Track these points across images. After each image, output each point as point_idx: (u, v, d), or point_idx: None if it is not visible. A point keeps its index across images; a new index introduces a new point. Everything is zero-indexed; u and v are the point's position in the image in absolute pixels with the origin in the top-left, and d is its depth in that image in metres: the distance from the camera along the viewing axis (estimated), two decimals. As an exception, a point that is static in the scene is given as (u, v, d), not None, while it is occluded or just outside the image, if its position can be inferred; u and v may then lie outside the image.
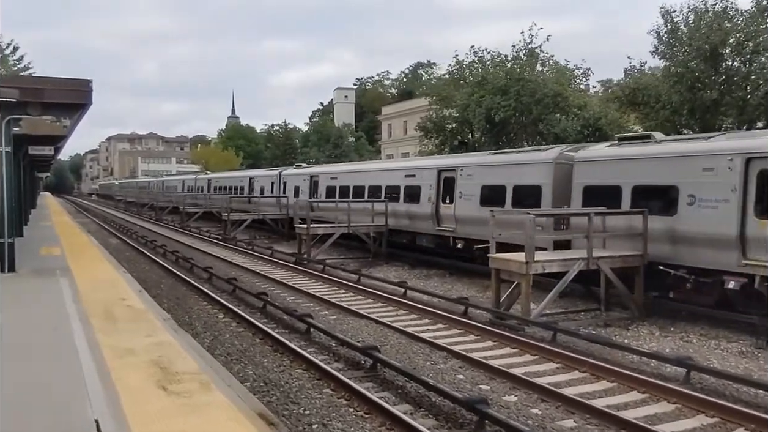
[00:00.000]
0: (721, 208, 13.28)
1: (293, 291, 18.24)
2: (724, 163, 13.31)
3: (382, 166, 32.04)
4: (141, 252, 28.09)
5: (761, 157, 12.79)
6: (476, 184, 20.81)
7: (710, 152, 13.93)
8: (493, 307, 14.30)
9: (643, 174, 15.25)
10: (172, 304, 16.08)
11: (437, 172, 22.98)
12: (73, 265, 13.32)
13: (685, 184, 14.08)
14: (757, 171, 12.82)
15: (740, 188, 12.97)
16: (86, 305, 9.15)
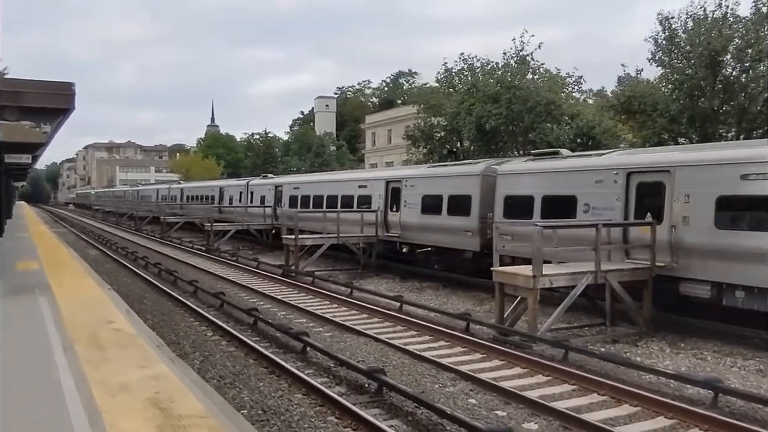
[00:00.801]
0: (609, 214, 15.13)
1: (283, 306, 17.47)
2: (611, 177, 15.33)
3: (338, 177, 33.84)
4: (122, 264, 27.13)
5: (639, 171, 14.96)
6: (418, 194, 22.80)
7: (600, 167, 15.98)
8: (497, 322, 13.66)
9: (550, 186, 17.30)
10: (157, 320, 15.26)
11: (386, 182, 25.03)
12: (53, 282, 12.17)
13: (582, 194, 16.04)
14: (636, 183, 14.91)
15: (623, 198, 14.97)
16: (70, 329, 8.12)
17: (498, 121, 30.86)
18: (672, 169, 14.15)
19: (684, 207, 13.76)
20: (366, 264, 24.80)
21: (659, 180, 14.48)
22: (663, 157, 15.32)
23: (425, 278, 22.30)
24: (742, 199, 13.02)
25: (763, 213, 12.58)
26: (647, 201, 14.75)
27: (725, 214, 13.17)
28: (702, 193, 13.42)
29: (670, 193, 14.07)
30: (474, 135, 32.46)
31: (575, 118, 31.22)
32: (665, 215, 14.13)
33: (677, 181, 13.93)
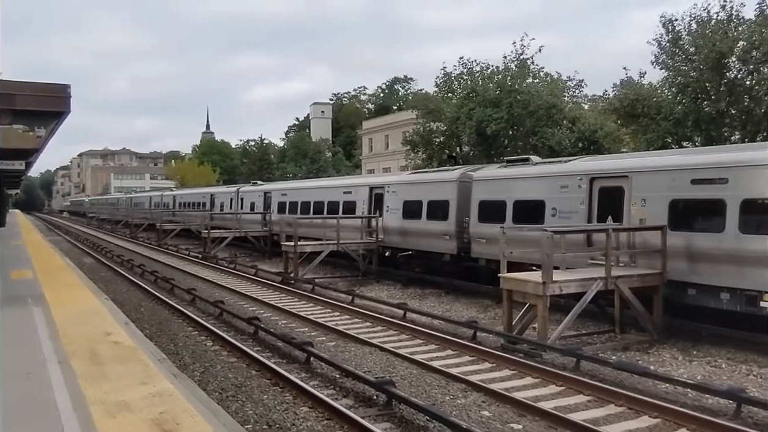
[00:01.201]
0: (574, 218, 15.89)
1: (284, 314, 17.08)
2: (575, 182, 16.11)
3: (324, 183, 34.37)
4: (117, 272, 26.70)
5: (601, 176, 15.72)
6: (399, 199, 23.48)
7: (566, 173, 16.72)
8: (505, 330, 13.31)
9: (521, 191, 18.02)
10: (155, 330, 14.86)
11: (369, 189, 25.84)
12: (47, 292, 11.60)
13: (549, 198, 16.80)
14: (599, 188, 15.64)
15: (587, 202, 15.71)
16: (66, 343, 7.63)
17: (499, 125, 30.54)
18: (630, 174, 14.92)
19: (641, 210, 14.51)
20: (366, 271, 24.42)
21: (619, 185, 15.15)
22: (622, 164, 16.27)
23: (427, 285, 21.94)
24: (692, 202, 13.82)
25: (711, 215, 13.19)
26: (608, 205, 15.40)
27: (677, 216, 13.82)
28: (657, 196, 14.15)
29: (629, 197, 14.77)
30: (474, 140, 32.14)
31: (577, 122, 30.90)
32: (624, 218, 14.84)
33: (634, 185, 14.69)
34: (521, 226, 16.73)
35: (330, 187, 30.32)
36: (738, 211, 12.52)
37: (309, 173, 73.73)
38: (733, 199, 12.61)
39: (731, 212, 12.61)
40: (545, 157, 25.23)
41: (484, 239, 18.74)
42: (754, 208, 12.52)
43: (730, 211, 12.63)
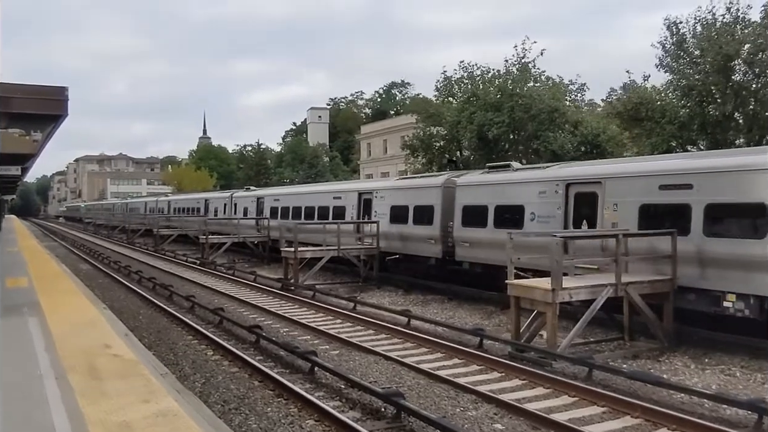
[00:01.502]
0: (552, 222, 16.51)
1: (285, 321, 16.75)
2: (552, 188, 16.78)
3: (314, 189, 34.92)
4: (115, 279, 26.34)
5: (576, 182, 16.37)
6: (387, 204, 24.11)
7: (544, 179, 17.38)
8: (513, 338, 13.00)
9: (502, 196, 18.62)
10: (154, 339, 14.51)
11: (358, 194, 26.49)
12: (43, 300, 11.18)
13: (529, 204, 17.43)
14: (574, 193, 16.29)
15: (563, 207, 16.33)
16: (63, 356, 7.29)
17: (500, 129, 30.26)
18: (603, 180, 15.54)
19: (613, 214, 15.09)
20: (367, 277, 24.11)
21: (593, 190, 15.79)
22: (595, 170, 16.83)
23: (429, 291, 21.63)
24: (660, 207, 14.32)
25: (677, 219, 13.64)
26: (584, 209, 16.09)
27: (646, 220, 14.37)
28: (627, 201, 14.75)
29: (602, 201, 15.40)
30: (475, 144, 31.86)
31: (579, 125, 30.63)
32: (598, 222, 15.48)
33: (607, 191, 15.29)
34: (500, 229, 17.21)
35: (321, 193, 30.93)
36: (702, 215, 13.09)
37: (306, 178, 73.37)
38: (698, 204, 13.19)
39: (696, 216, 13.18)
40: (548, 161, 25.06)
41: (468, 243, 19.57)
42: (717, 212, 13.09)
43: (695, 215, 13.20)
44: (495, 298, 18.95)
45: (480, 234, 18.92)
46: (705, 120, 25.96)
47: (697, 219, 13.17)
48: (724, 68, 25.08)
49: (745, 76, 25.55)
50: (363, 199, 25.99)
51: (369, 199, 25.46)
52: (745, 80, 25.58)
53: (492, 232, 18.38)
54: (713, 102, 25.83)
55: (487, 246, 18.51)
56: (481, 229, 18.94)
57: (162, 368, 7.34)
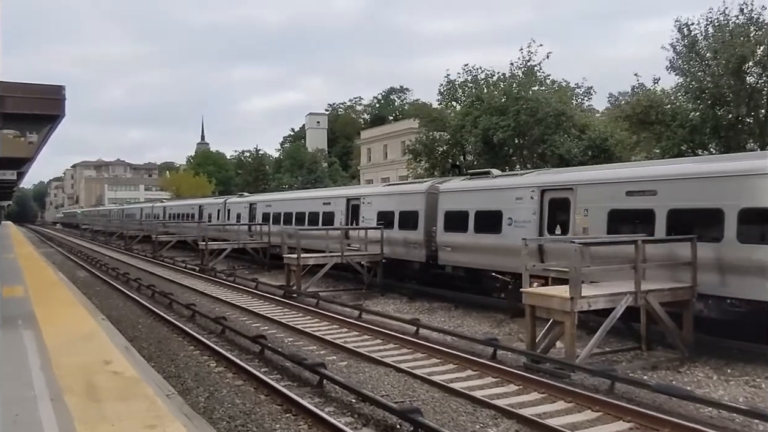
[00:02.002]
0: (528, 227, 17.12)
1: (289, 330, 16.24)
2: (528, 194, 17.42)
3: (305, 195, 35.60)
4: (113, 286, 25.82)
5: (550, 189, 17.02)
6: (374, 209, 24.71)
7: (520, 185, 18.10)
8: (528, 348, 12.51)
9: (481, 202, 19.23)
10: (154, 349, 14.01)
11: (346, 200, 27.08)
12: (39, 311, 10.55)
13: (506, 209, 18.04)
14: (549, 199, 16.91)
15: (538, 212, 17.01)
16: (59, 374, 6.68)
17: (506, 133, 29.77)
18: (575, 186, 16.20)
19: (584, 219, 15.74)
20: (370, 284, 23.62)
21: (566, 196, 16.43)
22: (568, 177, 17.48)
23: (434, 298, 21.16)
24: (627, 212, 14.95)
25: (643, 224, 14.23)
26: (557, 214, 16.74)
27: (615, 224, 15.02)
28: (597, 207, 15.40)
29: (574, 207, 16.04)
30: (480, 148, 31.36)
31: (586, 129, 30.15)
32: (570, 227, 16.08)
33: (579, 197, 15.93)
34: (480, 234, 18.88)
35: (311, 199, 31.60)
36: (665, 219, 13.74)
37: (305, 184, 72.91)
38: (661, 209, 13.85)
39: (660, 221, 13.84)
40: (554, 166, 24.69)
41: (450, 247, 20.26)
42: (679, 216, 13.70)
43: (659, 219, 13.86)
44: (504, 306, 18.57)
45: (461, 238, 19.63)
46: (718, 123, 25.42)
47: (660, 223, 13.82)
48: (738, 70, 24.59)
49: (759, 78, 25.05)
50: (351, 205, 26.52)
51: (357, 205, 26.02)
52: (759, 83, 25.04)
53: (473, 237, 19.24)
54: (726, 105, 25.32)
55: (468, 250, 19.42)
56: (463, 233, 19.60)
57: (167, 387, 6.79)
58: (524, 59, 31.83)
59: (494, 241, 18.19)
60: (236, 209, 39.96)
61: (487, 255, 18.41)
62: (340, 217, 26.90)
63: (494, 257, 18.21)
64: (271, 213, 34.07)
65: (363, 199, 25.88)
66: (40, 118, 9.09)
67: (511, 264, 17.02)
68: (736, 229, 12.52)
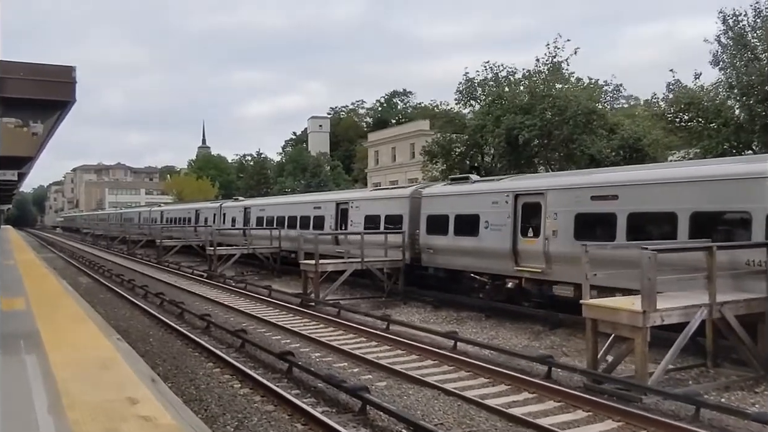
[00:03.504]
0: (503, 230, 17.94)
1: (314, 344, 14.91)
2: (503, 198, 18.16)
3: (297, 199, 36.31)
4: (118, 293, 24.54)
5: (524, 194, 17.82)
6: (361, 213, 25.44)
7: (496, 190, 18.81)
8: (590, 367, 11.20)
9: (461, 206, 19.99)
10: (168, 366, 12.73)
11: (336, 204, 27.71)
12: (43, 328, 8.88)
13: (483, 213, 18.77)
14: (522, 203, 17.66)
15: (512, 216, 17.73)
16: (73, 420, 4.95)
17: (531, 133, 28.41)
18: (545, 191, 17.00)
19: (553, 222, 16.51)
20: (391, 291, 22.32)
21: (537, 201, 17.18)
22: (539, 183, 18.21)
23: (461, 307, 19.87)
24: (592, 216, 15.69)
25: (605, 227, 15.01)
26: (530, 218, 17.42)
27: (581, 228, 15.71)
28: (565, 211, 16.16)
29: (544, 211, 16.79)
30: (503, 149, 29.94)
31: (618, 129, 28.74)
32: (541, 229, 16.87)
33: (549, 201, 16.69)
34: (459, 237, 19.72)
35: (303, 203, 32.20)
36: (626, 222, 14.43)
37: (309, 188, 71.61)
38: (622, 213, 14.59)
39: (620, 224, 14.51)
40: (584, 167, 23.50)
41: (432, 249, 21.06)
42: (638, 220, 14.45)
43: (620, 222, 14.54)
44: (539, 316, 17.34)
45: (442, 241, 20.47)
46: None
47: (621, 226, 14.48)
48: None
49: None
50: (340, 209, 27.15)
51: (346, 209, 26.70)
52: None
53: (452, 240, 20.04)
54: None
55: (448, 252, 20.31)
56: (443, 236, 20.40)
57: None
58: (550, 55, 30.53)
59: (472, 244, 19.09)
60: (231, 213, 40.68)
61: (466, 257, 19.39)
62: (330, 221, 27.52)
63: (472, 259, 19.21)
64: (265, 217, 34.91)
65: (351, 203, 26.61)
66: (47, 104, 7.75)
67: (488, 265, 18.71)
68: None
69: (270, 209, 35.17)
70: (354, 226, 25.34)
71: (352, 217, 25.97)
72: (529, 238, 17.60)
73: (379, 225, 23.85)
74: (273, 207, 35.28)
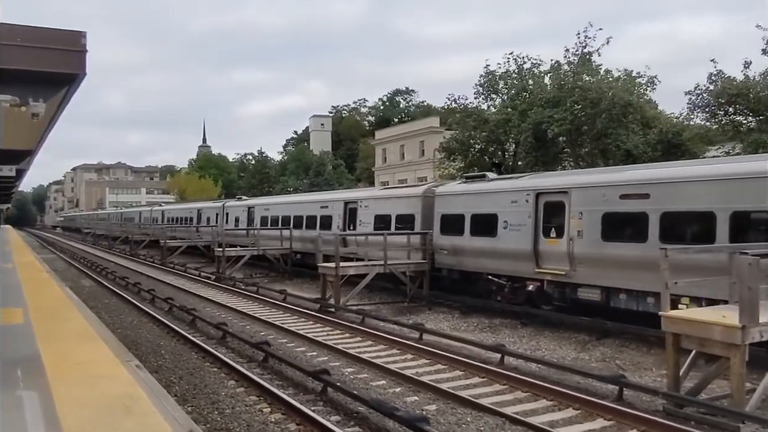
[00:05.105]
0: (523, 230, 17.35)
1: (341, 356, 13.49)
2: (523, 197, 17.54)
3: (302, 198, 35.34)
4: (122, 297, 23.12)
5: (546, 192, 17.18)
6: (371, 213, 24.77)
7: (516, 189, 18.13)
8: (670, 388, 9.78)
9: (477, 205, 19.35)
10: (185, 384, 11.32)
11: (344, 203, 26.81)
12: (45, 351, 7.27)
13: (502, 212, 18.14)
14: (543, 202, 17.04)
15: (533, 215, 17.11)
16: None
17: (561, 127, 26.90)
18: (569, 189, 16.34)
19: (578, 222, 15.84)
20: (415, 296, 20.93)
21: (560, 200, 16.54)
22: (563, 181, 17.57)
23: (491, 314, 18.49)
24: (621, 216, 15.03)
25: (636, 227, 14.46)
26: (552, 218, 16.80)
27: (609, 228, 15.14)
28: (591, 210, 15.54)
29: (568, 210, 16.13)
30: (530, 144, 28.40)
31: (654, 122, 27.19)
32: (565, 230, 16.22)
33: (573, 200, 16.05)
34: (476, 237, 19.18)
35: (308, 202, 31.26)
36: (658, 222, 13.85)
37: (312, 187, 70.23)
38: (654, 212, 13.99)
39: (653, 224, 13.95)
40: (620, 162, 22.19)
41: (446, 250, 20.33)
42: (672, 219, 13.86)
43: (652, 222, 13.97)
44: (584, 325, 15.96)
45: (457, 242, 19.81)
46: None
47: (653, 226, 13.91)
48: None
49: None
50: (348, 209, 26.34)
51: (354, 209, 25.89)
52: None
53: (468, 240, 19.38)
54: None
55: (463, 253, 19.65)
56: (458, 237, 19.73)
57: None
58: (580, 45, 28.95)
59: (490, 244, 18.49)
60: (234, 213, 39.74)
61: (483, 258, 18.84)
62: (338, 220, 26.73)
63: (490, 260, 18.64)
64: (269, 216, 33.99)
65: (360, 202, 25.81)
66: (51, 78, 6.25)
67: (506, 267, 18.15)
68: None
69: (275, 208, 34.32)
70: (363, 226, 24.68)
71: (361, 217, 25.22)
72: (552, 239, 16.90)
73: (389, 225, 23.08)
74: (278, 206, 34.42)
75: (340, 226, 26.30)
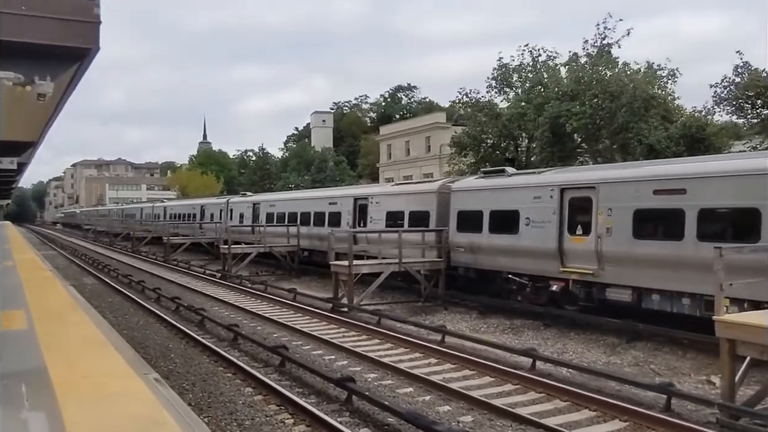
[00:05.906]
0: (547, 227, 16.66)
1: (364, 361, 12.77)
2: (547, 193, 16.81)
3: (310, 195, 34.14)
4: (126, 296, 22.43)
5: (571, 187, 16.41)
6: (382, 210, 24.01)
7: (539, 184, 17.41)
8: (726, 399, 9.06)
9: (496, 201, 18.63)
10: (199, 392, 10.62)
11: (354, 200, 26.00)
12: (51, 361, 6.32)
13: (523, 208, 17.48)
14: (569, 198, 16.35)
15: (558, 212, 16.43)
16: None
17: (580, 121, 26.11)
18: (596, 185, 15.64)
19: (607, 219, 15.18)
20: (429, 295, 20.20)
21: (587, 195, 15.85)
22: (590, 176, 16.73)
23: (511, 314, 17.77)
24: (654, 212, 14.44)
25: (671, 223, 13.82)
26: (578, 214, 16.15)
27: (641, 225, 14.53)
28: (622, 206, 14.85)
29: (596, 206, 15.45)
30: (547, 139, 27.60)
31: (674, 115, 26.41)
32: (592, 227, 15.54)
33: (601, 196, 15.38)
34: (495, 234, 18.47)
35: (316, 198, 30.55)
36: (696, 219, 13.20)
37: (314, 183, 69.52)
38: (691, 209, 13.33)
39: (689, 221, 13.30)
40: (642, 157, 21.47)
41: (463, 248, 19.63)
42: (710, 216, 13.28)
43: (689, 219, 13.32)
44: (612, 327, 15.25)
45: (475, 239, 19.11)
46: None
47: (690, 224, 13.30)
48: None
49: None
50: (359, 205, 25.68)
51: (365, 205, 25.24)
52: None
53: (487, 237, 18.71)
54: None
55: (482, 251, 18.98)
56: (476, 234, 19.04)
57: None
58: (599, 36, 28.12)
59: (510, 242, 17.88)
60: (239, 209, 38.81)
61: (503, 256, 18.20)
62: (348, 217, 25.99)
63: (510, 258, 18.01)
64: (275, 213, 33.19)
65: (371, 198, 25.10)
66: (59, 53, 5.46)
67: (528, 265, 17.46)
68: None
69: (281, 205, 33.50)
70: (374, 224, 24.02)
71: (372, 214, 24.48)
72: (578, 236, 16.18)
73: (402, 222, 22.38)
74: (284, 203, 33.67)
75: (349, 222, 25.62)
